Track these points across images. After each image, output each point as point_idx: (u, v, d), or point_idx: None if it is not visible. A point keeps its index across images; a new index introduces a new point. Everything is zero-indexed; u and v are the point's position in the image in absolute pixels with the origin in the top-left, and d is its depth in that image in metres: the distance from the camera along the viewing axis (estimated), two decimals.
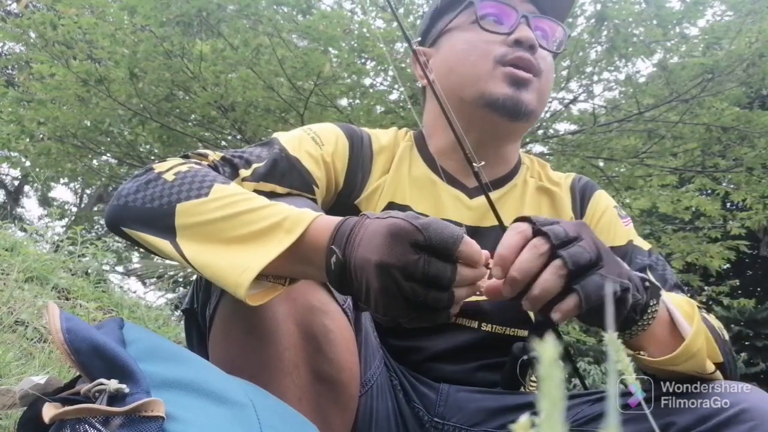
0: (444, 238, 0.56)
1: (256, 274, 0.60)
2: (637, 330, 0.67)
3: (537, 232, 0.62)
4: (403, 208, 0.95)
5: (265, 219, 0.64)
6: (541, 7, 0.97)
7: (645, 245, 0.96)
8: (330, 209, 0.95)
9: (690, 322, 0.70)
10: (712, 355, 0.73)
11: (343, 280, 0.60)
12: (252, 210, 0.65)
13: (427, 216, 0.93)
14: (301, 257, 0.62)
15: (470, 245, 0.58)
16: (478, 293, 0.62)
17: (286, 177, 0.87)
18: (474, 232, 0.95)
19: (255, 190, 0.80)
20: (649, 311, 0.67)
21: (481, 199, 0.94)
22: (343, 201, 0.96)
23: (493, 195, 0.95)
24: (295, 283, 0.67)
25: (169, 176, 0.72)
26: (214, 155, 0.84)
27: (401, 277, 0.55)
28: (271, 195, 0.84)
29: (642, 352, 0.70)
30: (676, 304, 0.72)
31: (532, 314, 0.92)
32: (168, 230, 0.68)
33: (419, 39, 1.04)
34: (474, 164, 0.85)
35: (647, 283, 0.68)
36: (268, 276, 0.64)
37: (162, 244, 0.68)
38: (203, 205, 0.67)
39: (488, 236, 0.94)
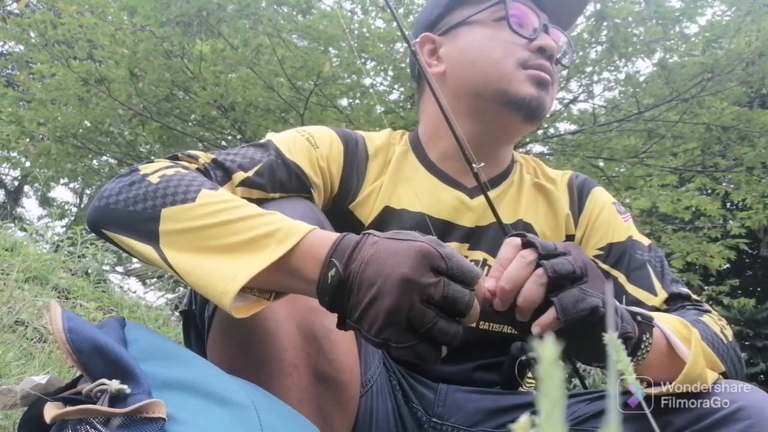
0: (465, 270, 0.57)
1: (244, 283, 0.58)
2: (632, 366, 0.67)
3: (526, 244, 0.64)
4: (400, 212, 0.94)
5: (256, 228, 0.63)
6: (551, 15, 0.98)
7: (645, 240, 0.96)
8: (325, 214, 0.94)
9: (687, 344, 0.69)
10: (714, 368, 0.73)
11: (337, 296, 0.58)
12: (242, 218, 0.64)
13: (425, 215, 0.94)
14: (291, 270, 0.61)
15: (482, 288, 0.61)
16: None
17: (285, 184, 0.86)
18: (476, 232, 0.96)
19: (249, 198, 0.79)
20: (642, 347, 0.67)
21: (482, 199, 0.94)
22: (338, 205, 0.95)
23: (492, 193, 0.95)
24: (280, 298, 0.65)
25: (154, 179, 0.70)
26: (205, 157, 0.82)
27: (418, 297, 0.55)
28: (268, 200, 0.83)
29: (643, 384, 0.69)
30: (672, 327, 0.72)
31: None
32: (151, 235, 0.66)
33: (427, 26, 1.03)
34: (474, 165, 0.85)
35: (639, 318, 0.68)
36: (252, 290, 0.62)
37: (144, 248, 0.66)
38: (190, 211, 0.65)
39: (487, 233, 0.95)
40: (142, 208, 0.67)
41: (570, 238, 0.99)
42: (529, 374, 0.90)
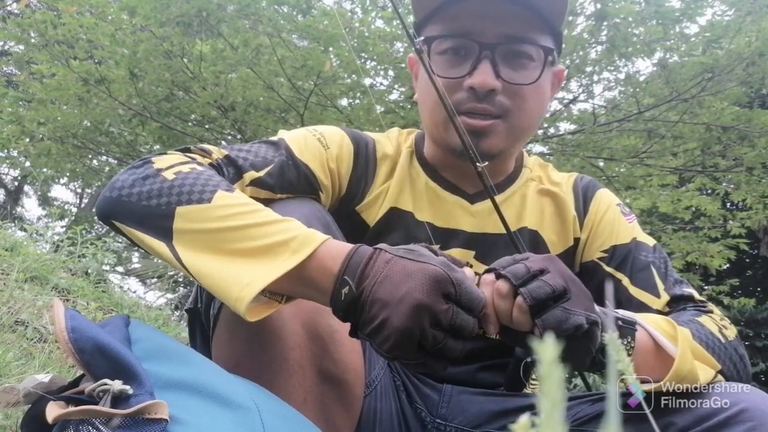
0: (472, 298, 0.59)
1: (259, 290, 0.59)
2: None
3: (498, 275, 0.65)
4: (406, 214, 0.94)
5: (272, 236, 0.63)
6: (534, 5, 0.85)
7: (650, 241, 0.94)
8: (332, 214, 0.94)
9: (674, 342, 0.70)
10: (707, 365, 0.72)
11: (350, 311, 0.60)
12: (259, 224, 0.64)
13: (430, 224, 0.92)
14: (305, 279, 0.62)
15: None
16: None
17: (293, 185, 0.86)
18: (478, 239, 0.94)
19: (257, 197, 0.79)
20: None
21: (482, 205, 0.93)
22: (345, 206, 0.94)
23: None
24: (291, 301, 0.66)
25: (169, 174, 0.70)
26: (218, 153, 0.82)
27: (429, 322, 0.57)
28: (275, 200, 0.83)
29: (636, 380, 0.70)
30: (656, 326, 0.72)
31: None
32: (164, 232, 0.66)
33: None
34: (477, 164, 0.84)
35: (620, 322, 0.69)
36: (265, 292, 0.63)
37: (156, 244, 0.66)
38: (206, 212, 0.66)
39: (496, 245, 0.93)
40: (156, 203, 0.67)
41: (576, 240, 0.97)
42: (534, 376, 0.90)
